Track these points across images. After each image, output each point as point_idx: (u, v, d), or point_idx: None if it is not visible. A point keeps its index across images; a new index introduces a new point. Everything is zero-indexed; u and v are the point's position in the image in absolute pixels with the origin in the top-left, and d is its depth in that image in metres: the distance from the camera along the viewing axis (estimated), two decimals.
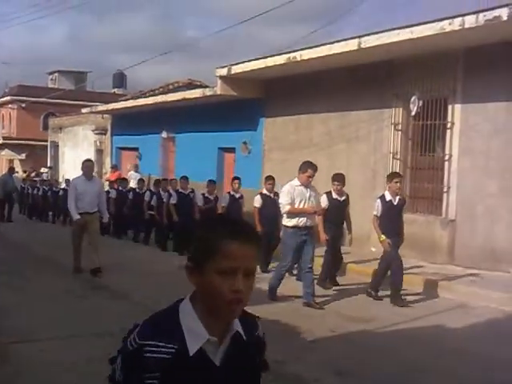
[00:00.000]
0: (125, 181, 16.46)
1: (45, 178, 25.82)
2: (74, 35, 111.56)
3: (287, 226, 7.87)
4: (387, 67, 11.46)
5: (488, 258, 9.66)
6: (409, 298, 8.21)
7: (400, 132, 11.51)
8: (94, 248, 9.78)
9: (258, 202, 10.51)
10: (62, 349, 5.81)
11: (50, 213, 20.30)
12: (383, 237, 8.01)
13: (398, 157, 11.50)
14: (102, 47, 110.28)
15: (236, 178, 12.06)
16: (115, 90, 37.18)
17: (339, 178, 9.08)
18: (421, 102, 10.87)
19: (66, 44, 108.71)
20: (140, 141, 20.75)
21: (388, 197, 8.23)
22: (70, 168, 27.44)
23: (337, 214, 8.85)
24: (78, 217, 9.62)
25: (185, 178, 13.02)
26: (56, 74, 43.27)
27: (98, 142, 25.09)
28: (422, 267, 9.90)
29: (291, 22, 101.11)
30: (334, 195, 8.97)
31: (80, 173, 10.21)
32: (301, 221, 7.75)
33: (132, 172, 19.07)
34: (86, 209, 9.75)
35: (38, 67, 70.88)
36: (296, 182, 7.93)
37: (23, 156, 37.71)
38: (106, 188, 17.40)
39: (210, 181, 12.81)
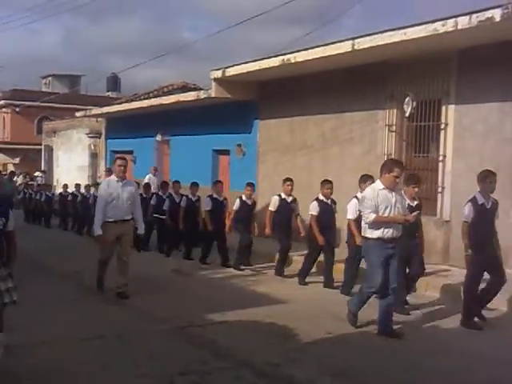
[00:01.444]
0: None
1: (39, 182, 25.74)
2: (68, 39, 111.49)
3: (369, 239, 6.55)
4: (381, 69, 11.47)
5: None
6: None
7: (394, 133, 11.52)
8: (124, 266, 8.35)
9: (314, 209, 9.33)
10: (56, 352, 5.78)
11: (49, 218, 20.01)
12: (469, 251, 6.90)
13: (393, 158, 11.50)
14: (96, 50, 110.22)
15: (289, 179, 10.45)
16: (109, 93, 37.19)
17: (415, 180, 7.72)
18: (415, 103, 10.90)
19: (59, 48, 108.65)
20: (134, 144, 20.72)
21: (480, 199, 6.96)
22: (64, 172, 27.40)
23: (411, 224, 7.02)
24: (100, 233, 8.24)
25: (220, 183, 11.85)
26: (50, 78, 43.27)
27: (92, 146, 25.04)
28: None
29: (286, 24, 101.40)
30: (406, 200, 7.39)
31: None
32: (387, 231, 6.47)
33: (150, 175, 17.81)
34: (120, 216, 8.30)
35: (31, 71, 70.85)
36: (379, 184, 6.59)
37: (17, 160, 37.61)
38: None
39: (249, 183, 11.38)
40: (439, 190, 10.65)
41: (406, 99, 10.97)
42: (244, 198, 11.11)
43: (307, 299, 8.46)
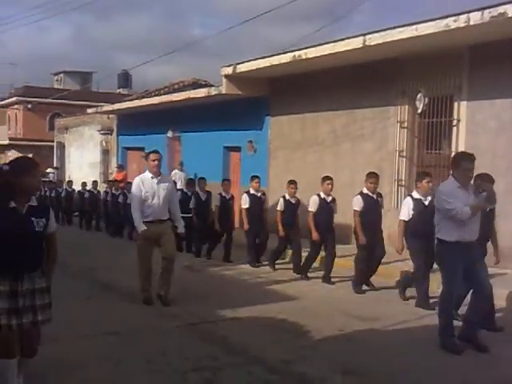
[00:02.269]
0: None
1: (51, 179, 25.87)
2: (79, 36, 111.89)
3: (446, 242, 5.82)
4: (392, 65, 11.44)
5: None
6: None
7: (406, 129, 11.49)
8: (169, 271, 7.72)
9: (358, 204, 8.63)
10: (69, 349, 5.82)
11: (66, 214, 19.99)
12: None
13: (404, 154, 11.49)
14: (107, 47, 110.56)
15: (328, 177, 9.60)
16: (120, 90, 37.26)
17: (488, 178, 6.54)
18: (426, 100, 10.87)
19: (71, 45, 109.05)
20: (146, 140, 20.76)
21: None
22: (76, 168, 27.55)
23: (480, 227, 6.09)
24: (144, 228, 7.55)
25: (257, 178, 11.16)
26: (61, 75, 43.44)
27: (103, 142, 25.13)
28: None
29: (297, 20, 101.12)
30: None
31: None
32: (465, 233, 5.74)
33: (176, 171, 17.21)
34: (157, 215, 7.65)
35: (43, 68, 71.22)
36: (453, 182, 5.85)
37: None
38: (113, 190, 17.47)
39: (291, 181, 10.55)
40: None
41: (418, 95, 10.95)
42: (287, 197, 10.33)
43: (318, 296, 8.48)
